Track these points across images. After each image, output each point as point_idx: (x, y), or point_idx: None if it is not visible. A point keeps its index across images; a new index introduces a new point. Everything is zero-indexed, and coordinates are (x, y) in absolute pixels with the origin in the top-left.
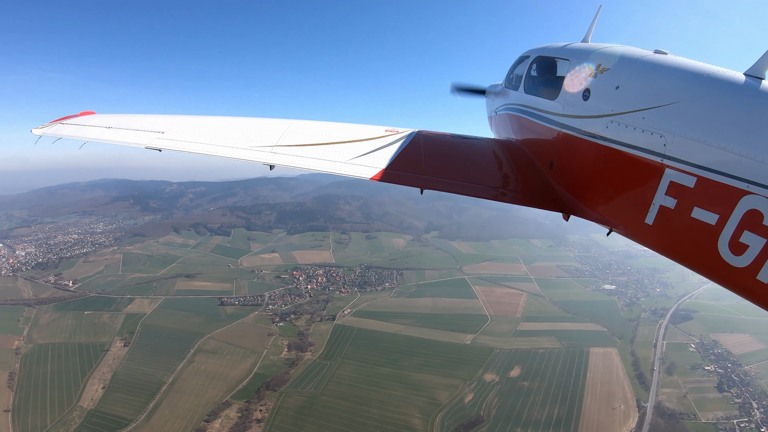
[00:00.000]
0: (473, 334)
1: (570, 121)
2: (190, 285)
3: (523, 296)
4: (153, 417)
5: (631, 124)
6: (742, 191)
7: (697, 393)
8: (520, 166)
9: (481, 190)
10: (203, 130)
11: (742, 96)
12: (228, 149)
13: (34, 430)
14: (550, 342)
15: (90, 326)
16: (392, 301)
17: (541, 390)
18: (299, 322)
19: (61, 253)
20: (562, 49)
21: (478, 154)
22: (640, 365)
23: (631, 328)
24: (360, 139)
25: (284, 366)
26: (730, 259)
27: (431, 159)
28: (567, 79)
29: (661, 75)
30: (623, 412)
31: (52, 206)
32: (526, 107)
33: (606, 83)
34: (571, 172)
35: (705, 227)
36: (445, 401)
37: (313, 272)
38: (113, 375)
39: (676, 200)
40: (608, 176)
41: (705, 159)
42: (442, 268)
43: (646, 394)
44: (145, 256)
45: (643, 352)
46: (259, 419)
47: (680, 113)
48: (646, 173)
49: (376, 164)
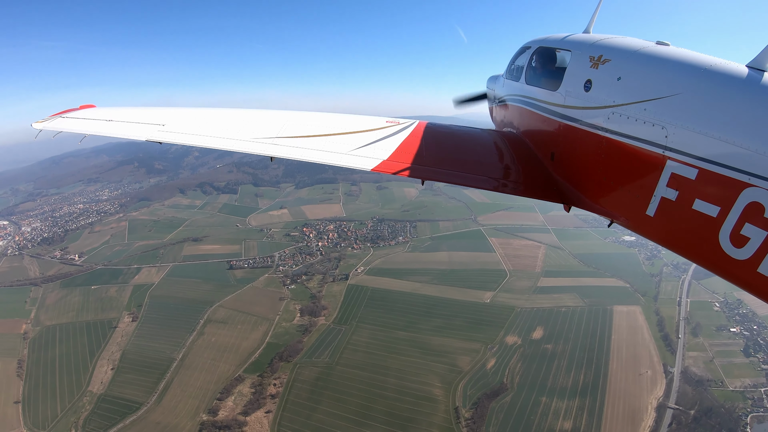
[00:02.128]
0: (492, 291)
1: (571, 112)
2: (198, 249)
3: (542, 249)
4: (164, 398)
5: (632, 115)
6: (744, 183)
7: (723, 357)
8: (521, 158)
9: (482, 181)
10: (203, 123)
11: (744, 88)
12: (229, 141)
13: (45, 421)
14: (573, 299)
15: (97, 302)
16: (406, 256)
17: (566, 354)
18: (311, 283)
19: (67, 225)
20: (563, 40)
21: (479, 145)
22: (665, 325)
23: (654, 284)
24: (361, 130)
25: (297, 333)
26: (731, 252)
27: (432, 150)
28: (568, 70)
29: (663, 66)
30: (650, 378)
31: (57, 176)
32: (527, 98)
33: (608, 74)
34: (573, 163)
35: (706, 219)
36: (466, 368)
37: (324, 228)
38: (122, 354)
39: (677, 192)
40: (610, 168)
41: (706, 151)
42: (457, 219)
43: (672, 358)
44: (151, 221)
45: (667, 310)
46: (274, 395)
47: (682, 105)
48: (648, 165)
49: (377, 155)
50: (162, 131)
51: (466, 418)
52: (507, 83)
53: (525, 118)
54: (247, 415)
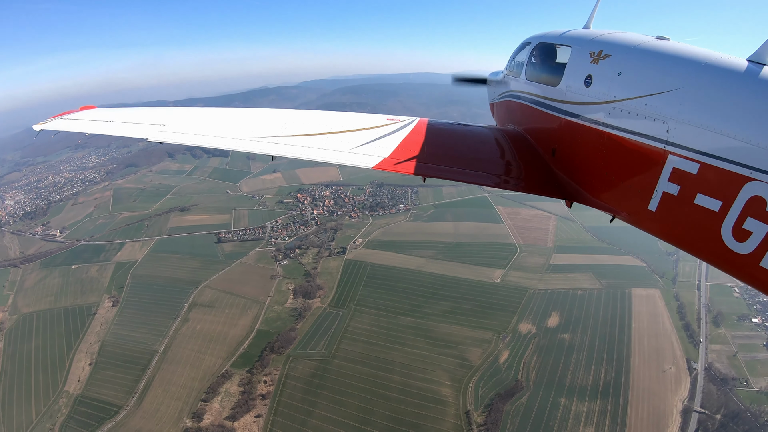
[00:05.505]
0: (503, 269)
1: (572, 108)
2: (185, 220)
3: (552, 220)
4: (145, 399)
5: (633, 110)
6: (745, 177)
7: (746, 352)
8: (523, 154)
9: (483, 177)
10: (204, 122)
11: (744, 82)
12: (230, 141)
13: (20, 429)
14: (589, 280)
15: (77, 284)
16: (409, 226)
17: (585, 345)
18: (305, 258)
19: (50, 197)
20: (563, 35)
21: (480, 142)
22: (686, 313)
23: (671, 264)
24: (361, 128)
25: (290, 319)
26: (733, 246)
27: (433, 147)
28: (569, 65)
29: (664, 61)
30: (674, 375)
31: (45, 143)
32: (527, 94)
33: (608, 70)
34: (574, 159)
35: (708, 214)
36: (477, 361)
37: (319, 194)
38: (101, 346)
39: (679, 187)
40: (611, 163)
41: (708, 145)
42: (460, 184)
43: (695, 352)
44: (137, 190)
45: (686, 295)
46: (264, 395)
47: (683, 99)
48: (649, 160)
49: (379, 153)
50: (163, 131)
51: (479, 424)
52: (508, 79)
53: (526, 114)
54: (235, 419)
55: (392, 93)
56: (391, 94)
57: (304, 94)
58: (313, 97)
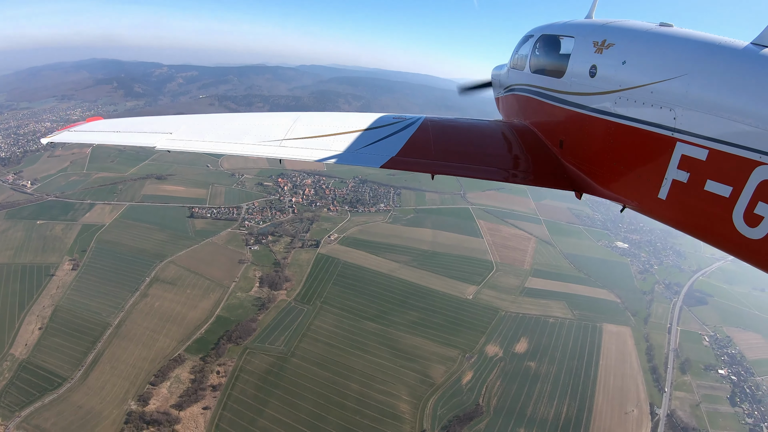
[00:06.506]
0: (476, 285)
1: (578, 98)
2: (160, 189)
3: (532, 242)
4: (91, 374)
5: (639, 99)
6: (755, 162)
7: (709, 403)
8: (530, 147)
9: (492, 172)
10: (211, 129)
11: (750, 66)
12: (237, 146)
13: None
14: (561, 309)
15: (40, 240)
16: (386, 228)
17: (550, 377)
18: (277, 246)
19: (28, 145)
20: (566, 26)
21: (487, 137)
22: (654, 356)
23: (645, 303)
24: (367, 127)
25: (252, 309)
26: (745, 231)
27: (440, 144)
28: (572, 56)
29: (668, 48)
30: (636, 419)
31: (32, 89)
32: (533, 87)
33: (612, 59)
34: (582, 150)
35: (719, 200)
36: (439, 379)
37: (301, 181)
38: (54, 311)
39: (688, 174)
40: (619, 153)
41: (716, 131)
42: (445, 192)
43: (659, 397)
44: (117, 151)
45: (657, 337)
46: (215, 386)
47: (688, 86)
48: (658, 148)
49: (386, 152)
50: (171, 139)
51: None
52: (512, 73)
53: (532, 107)
54: (182, 408)
55: (388, 89)
56: (386, 90)
57: (300, 77)
58: (309, 82)
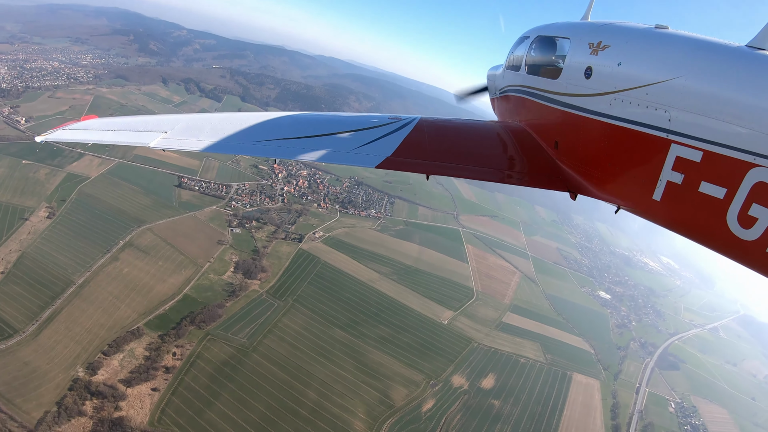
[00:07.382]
0: (453, 311)
1: (573, 100)
2: (153, 152)
3: (516, 276)
4: (44, 331)
5: (634, 100)
6: (749, 164)
7: None
8: (526, 148)
9: (487, 173)
10: (207, 128)
11: (745, 68)
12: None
13: None
14: (534, 351)
15: (21, 180)
16: (374, 235)
17: (512, 419)
18: (260, 234)
19: (31, 81)
20: (561, 27)
21: (482, 138)
22: (618, 414)
23: (618, 358)
24: (363, 127)
25: (222, 293)
26: (739, 233)
27: (436, 144)
28: (568, 57)
29: (663, 50)
30: None
31: (48, 25)
32: (528, 88)
33: (608, 60)
34: (577, 151)
35: (713, 201)
36: (399, 402)
37: (296, 171)
38: (19, 257)
39: (683, 175)
40: (614, 154)
41: (710, 133)
42: (438, 209)
43: None
44: (118, 104)
45: (624, 396)
46: (168, 368)
47: (683, 87)
48: (652, 149)
49: (381, 152)
50: (165, 138)
51: None
52: (507, 74)
53: (527, 108)
54: (130, 385)
55: (401, 95)
56: (399, 96)
57: (316, 66)
58: (324, 73)
